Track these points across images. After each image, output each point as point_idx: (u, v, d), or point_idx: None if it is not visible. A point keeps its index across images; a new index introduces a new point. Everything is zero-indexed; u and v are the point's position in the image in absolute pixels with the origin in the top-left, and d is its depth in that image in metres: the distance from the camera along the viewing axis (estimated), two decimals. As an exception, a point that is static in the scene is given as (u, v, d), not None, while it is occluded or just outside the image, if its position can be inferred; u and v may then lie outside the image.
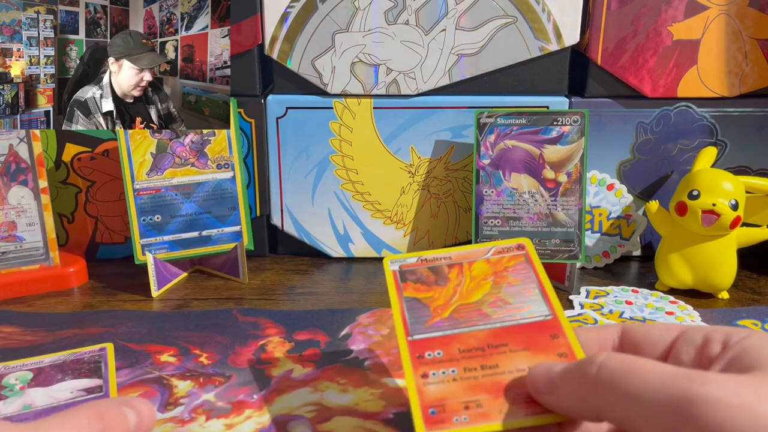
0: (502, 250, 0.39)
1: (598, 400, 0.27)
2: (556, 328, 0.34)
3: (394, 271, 0.39)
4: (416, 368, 0.33)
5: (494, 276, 0.37)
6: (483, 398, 0.32)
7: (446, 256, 0.39)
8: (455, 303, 0.36)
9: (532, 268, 0.37)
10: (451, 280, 0.37)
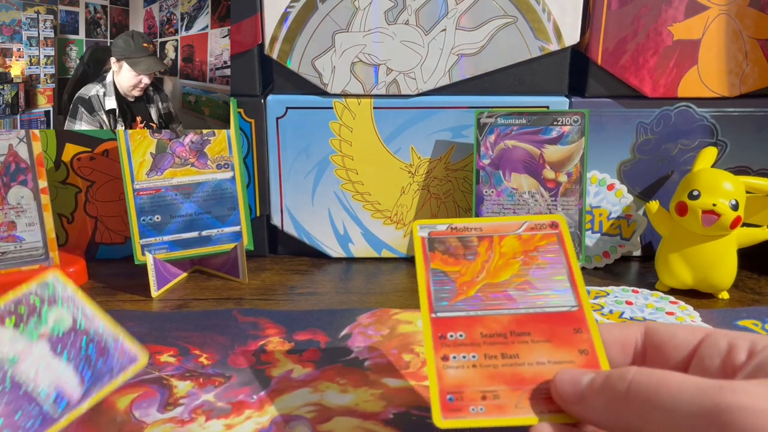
0: (534, 226, 0.37)
1: (629, 415, 0.27)
2: (580, 321, 0.34)
3: (423, 237, 0.38)
4: (437, 349, 0.33)
5: (524, 255, 0.36)
6: (501, 389, 0.32)
7: (477, 226, 0.38)
8: (482, 281, 0.35)
9: (564, 250, 0.36)
10: (479, 255, 0.36)
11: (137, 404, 0.41)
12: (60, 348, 0.35)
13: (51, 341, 0.35)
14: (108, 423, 0.39)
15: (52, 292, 0.36)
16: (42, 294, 0.36)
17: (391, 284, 0.58)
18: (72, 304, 0.36)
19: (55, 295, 0.36)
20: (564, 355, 0.32)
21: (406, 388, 0.43)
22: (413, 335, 0.49)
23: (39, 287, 0.36)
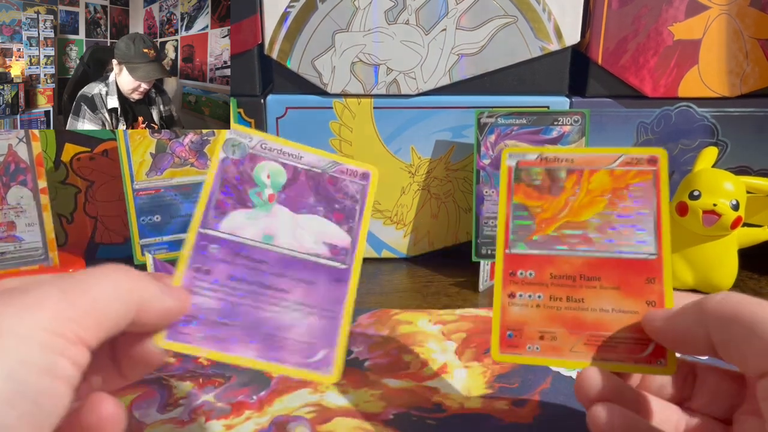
0: (631, 160, 0.35)
1: (713, 324, 0.28)
2: (656, 271, 0.33)
3: (510, 167, 0.36)
4: (506, 285, 0.34)
5: (612, 193, 0.35)
6: (559, 331, 0.33)
7: (569, 157, 0.36)
8: (563, 219, 0.35)
9: (657, 191, 0.34)
10: (565, 190, 0.35)
11: (137, 405, 0.41)
12: (294, 202, 0.34)
13: (281, 200, 0.34)
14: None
15: (242, 147, 0.34)
16: (234, 156, 0.34)
17: (391, 284, 0.58)
18: (270, 150, 0.34)
19: (247, 149, 0.34)
20: (630, 305, 0.32)
21: (406, 388, 0.43)
22: (413, 335, 0.49)
23: (228, 151, 0.34)
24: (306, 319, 0.32)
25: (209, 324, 0.31)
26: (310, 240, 0.33)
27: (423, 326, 0.50)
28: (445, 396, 0.42)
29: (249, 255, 0.32)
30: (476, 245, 0.56)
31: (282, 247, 0.33)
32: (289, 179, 0.34)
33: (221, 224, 0.33)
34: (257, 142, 0.34)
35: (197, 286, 0.31)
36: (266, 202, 0.33)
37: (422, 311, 0.52)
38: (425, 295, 0.56)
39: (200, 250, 0.32)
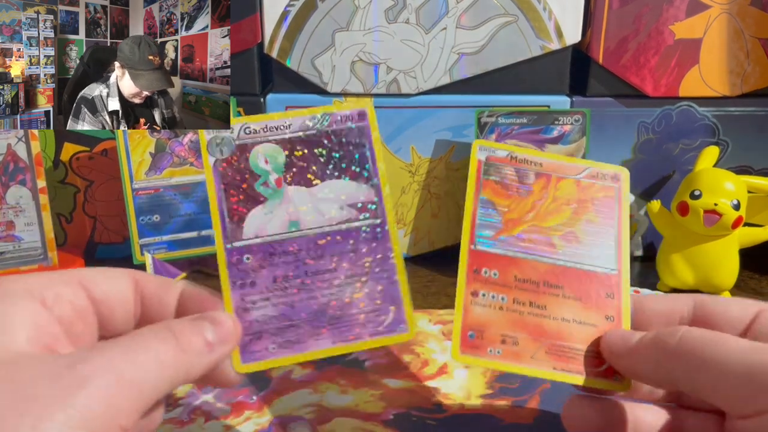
0: (596, 174, 0.36)
1: (677, 369, 0.27)
2: (615, 287, 0.33)
3: (480, 161, 0.35)
4: (469, 283, 0.33)
5: (577, 203, 0.35)
6: (521, 337, 0.32)
7: (538, 161, 0.36)
8: (529, 222, 0.34)
9: (619, 208, 0.35)
10: (532, 193, 0.35)
11: (136, 405, 0.41)
12: (302, 177, 0.32)
13: (289, 181, 0.32)
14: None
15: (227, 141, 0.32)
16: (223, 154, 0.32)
17: (391, 284, 0.58)
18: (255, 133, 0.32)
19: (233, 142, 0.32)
20: (590, 317, 0.32)
21: (407, 388, 0.43)
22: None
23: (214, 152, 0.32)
24: (363, 288, 0.31)
25: (275, 332, 0.30)
26: (335, 208, 0.32)
27: (423, 326, 0.50)
28: (445, 396, 0.42)
29: (283, 250, 0.31)
30: (476, 245, 0.56)
31: (310, 228, 0.32)
32: (287, 155, 0.32)
33: (243, 232, 0.32)
34: (239, 129, 0.32)
35: (249, 301, 0.31)
36: (276, 189, 0.32)
37: (422, 311, 0.52)
38: (425, 295, 0.56)
39: (236, 266, 0.31)
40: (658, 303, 0.33)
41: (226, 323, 0.29)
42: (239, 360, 0.29)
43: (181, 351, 0.26)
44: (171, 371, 0.26)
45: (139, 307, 0.30)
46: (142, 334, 0.26)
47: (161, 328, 0.27)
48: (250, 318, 0.30)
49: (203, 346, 0.27)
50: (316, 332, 0.30)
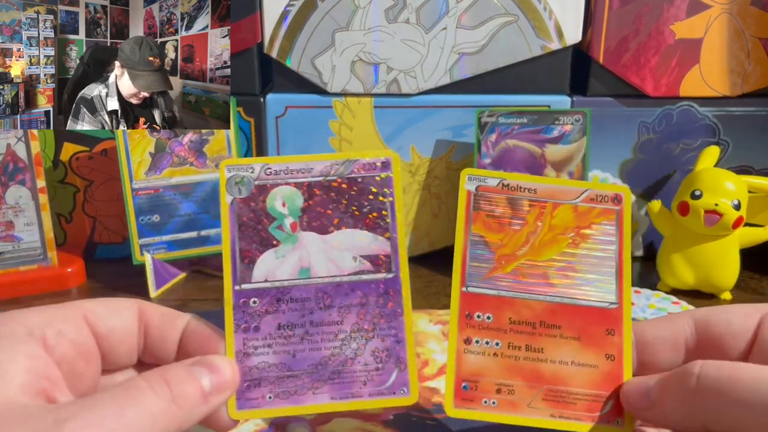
0: (595, 197, 0.33)
1: (704, 411, 0.27)
2: (616, 322, 0.32)
3: (470, 191, 0.34)
4: (462, 329, 0.32)
5: (575, 232, 0.33)
6: (517, 384, 0.31)
7: (531, 187, 0.33)
8: (523, 256, 0.33)
9: (619, 233, 0.33)
10: (526, 224, 0.33)
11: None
12: (319, 223, 0.31)
13: (305, 226, 0.31)
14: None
15: (247, 181, 0.31)
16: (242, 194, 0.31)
17: (391, 284, 0.58)
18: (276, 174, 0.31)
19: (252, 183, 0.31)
20: (589, 358, 0.31)
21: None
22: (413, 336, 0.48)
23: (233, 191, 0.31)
24: (367, 345, 0.30)
25: (274, 381, 0.30)
26: (348, 258, 0.31)
27: (423, 326, 0.50)
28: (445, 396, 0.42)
29: (291, 297, 0.31)
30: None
31: (321, 276, 0.31)
32: (305, 199, 0.31)
33: (253, 274, 0.31)
34: (260, 169, 0.31)
35: (251, 346, 0.30)
36: (290, 234, 0.31)
37: (422, 311, 0.52)
38: (425, 295, 0.56)
39: (241, 309, 0.30)
40: (658, 328, 0.32)
41: (224, 371, 0.28)
42: (234, 406, 0.29)
43: (175, 405, 0.25)
44: (163, 425, 0.25)
45: (142, 339, 0.30)
46: (136, 386, 0.25)
47: (156, 379, 0.26)
48: (250, 364, 0.30)
49: (198, 398, 0.27)
50: (315, 386, 0.30)
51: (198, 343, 0.29)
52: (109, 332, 0.29)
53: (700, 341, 0.31)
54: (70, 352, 0.27)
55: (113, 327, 0.29)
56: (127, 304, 0.30)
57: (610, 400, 0.31)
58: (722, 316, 0.31)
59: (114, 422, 0.23)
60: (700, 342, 0.31)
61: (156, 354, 0.30)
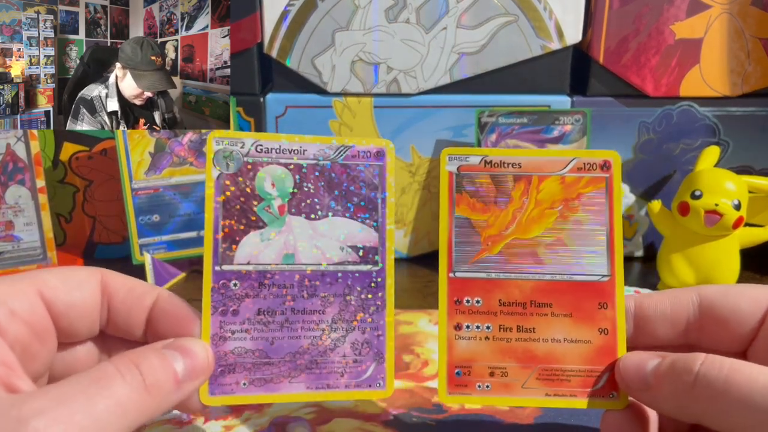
0: (582, 165, 0.32)
1: (700, 407, 0.26)
2: (608, 295, 0.31)
3: (451, 173, 0.32)
4: (451, 316, 0.31)
5: (563, 205, 0.32)
6: (510, 366, 0.31)
7: (516, 161, 0.32)
8: (510, 235, 0.32)
9: (609, 201, 0.32)
10: (512, 201, 0.32)
11: (134, 405, 0.40)
12: (308, 207, 0.30)
13: (293, 209, 0.30)
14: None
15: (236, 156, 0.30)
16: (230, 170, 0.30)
17: (391, 284, 0.58)
18: (267, 152, 0.30)
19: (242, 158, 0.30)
20: (582, 333, 0.31)
21: (407, 389, 0.42)
22: (413, 336, 0.48)
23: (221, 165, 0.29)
24: (347, 336, 0.30)
25: (250, 367, 0.29)
26: (334, 247, 0.30)
27: (423, 326, 0.50)
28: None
29: (273, 282, 0.30)
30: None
31: (305, 263, 0.30)
32: (296, 182, 0.30)
33: (235, 256, 0.30)
34: (251, 145, 0.30)
35: (228, 330, 0.29)
36: (277, 216, 0.30)
37: (422, 311, 0.52)
38: (425, 295, 0.56)
39: (220, 290, 0.29)
40: (661, 303, 0.31)
41: (199, 355, 0.27)
42: (207, 391, 0.28)
43: (147, 394, 0.24)
44: (134, 415, 0.24)
45: (105, 313, 0.28)
46: (105, 373, 0.24)
47: (127, 365, 0.24)
48: (226, 348, 0.29)
49: (172, 385, 0.25)
50: (291, 374, 0.29)
51: (170, 324, 0.28)
52: (68, 308, 0.27)
53: (704, 321, 0.30)
54: (23, 332, 0.26)
55: (72, 302, 0.27)
56: (88, 275, 0.28)
57: (604, 375, 0.31)
58: (731, 299, 0.30)
59: (84, 418, 0.22)
60: (704, 321, 0.30)
61: (120, 329, 0.29)
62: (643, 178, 0.60)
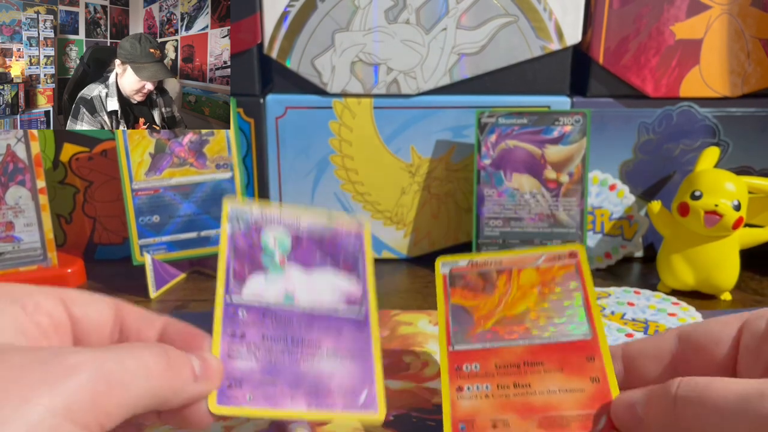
0: (553, 257, 0.38)
1: (684, 427, 0.27)
2: (593, 350, 0.34)
3: (444, 274, 0.39)
4: (453, 380, 0.34)
5: (541, 286, 0.37)
6: (511, 418, 0.33)
7: (497, 260, 0.39)
8: (499, 314, 0.36)
9: (581, 279, 0.37)
10: (498, 288, 0.38)
11: (135, 406, 0.40)
12: (303, 261, 0.36)
13: (291, 261, 0.36)
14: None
15: (245, 218, 0.36)
16: (240, 228, 0.36)
17: (391, 285, 0.58)
18: (271, 218, 0.37)
19: (250, 221, 0.36)
20: (575, 384, 0.33)
21: (407, 389, 0.43)
22: (413, 336, 0.49)
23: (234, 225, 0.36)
24: (343, 364, 0.33)
25: (256, 384, 0.32)
26: (327, 293, 0.36)
27: (423, 327, 0.50)
28: None
29: (275, 315, 0.34)
30: (477, 246, 0.56)
31: (303, 304, 0.35)
32: (293, 241, 0.37)
33: (243, 291, 0.34)
34: (257, 211, 0.37)
35: (235, 350, 0.32)
36: (278, 265, 0.36)
37: (422, 312, 0.52)
38: (425, 296, 0.56)
39: (230, 317, 0.33)
40: (643, 342, 0.33)
41: (212, 361, 0.30)
42: (215, 401, 0.30)
43: (170, 369, 0.27)
44: (157, 383, 0.26)
45: (116, 334, 0.30)
46: (133, 344, 0.27)
47: (154, 344, 0.27)
48: (233, 365, 0.32)
49: (189, 374, 0.28)
50: (292, 393, 0.32)
51: (182, 340, 0.30)
52: (83, 317, 0.29)
53: (684, 351, 0.32)
54: (45, 321, 0.28)
55: (88, 313, 0.29)
56: (104, 299, 0.31)
57: (602, 416, 0.32)
58: (703, 326, 0.32)
59: (113, 364, 0.24)
60: (684, 352, 0.32)
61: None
62: (642, 178, 0.60)
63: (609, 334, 0.49)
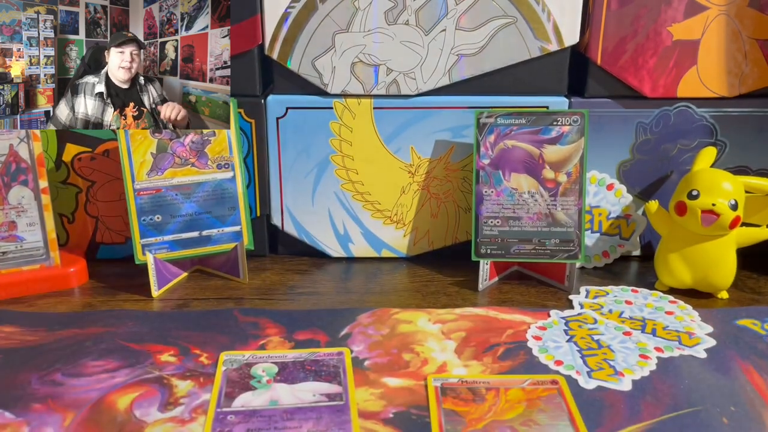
0: (537, 382, 0.43)
1: None
2: None
3: (436, 387, 0.43)
4: None
5: (527, 402, 0.41)
6: None
7: (485, 380, 0.43)
8: (489, 418, 0.40)
9: (564, 401, 0.41)
10: (487, 400, 0.41)
11: (138, 404, 0.41)
12: (288, 380, 0.43)
13: (278, 381, 0.43)
14: (109, 423, 0.39)
15: (239, 363, 0.45)
16: (232, 366, 0.44)
17: (391, 284, 0.58)
18: (260, 358, 0.45)
19: (242, 361, 0.45)
20: None
21: (406, 387, 0.43)
22: (413, 335, 0.49)
23: (227, 365, 0.44)
24: None
25: None
26: (309, 395, 0.41)
27: (423, 325, 0.50)
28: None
29: (260, 415, 0.40)
30: (476, 245, 0.57)
31: (286, 405, 0.40)
32: (280, 369, 0.44)
33: (233, 404, 0.41)
34: (248, 356, 0.45)
35: None
36: (266, 384, 0.42)
37: (422, 310, 0.53)
38: (425, 295, 0.56)
39: (219, 420, 0.39)
40: None
41: None
42: None
43: None
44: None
45: None
46: None
47: None
48: None
49: None
50: None
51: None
52: None
53: None
54: None
55: None
56: None
57: None
58: None
59: None
60: None
61: None
62: (640, 178, 0.60)
63: (607, 332, 0.49)
